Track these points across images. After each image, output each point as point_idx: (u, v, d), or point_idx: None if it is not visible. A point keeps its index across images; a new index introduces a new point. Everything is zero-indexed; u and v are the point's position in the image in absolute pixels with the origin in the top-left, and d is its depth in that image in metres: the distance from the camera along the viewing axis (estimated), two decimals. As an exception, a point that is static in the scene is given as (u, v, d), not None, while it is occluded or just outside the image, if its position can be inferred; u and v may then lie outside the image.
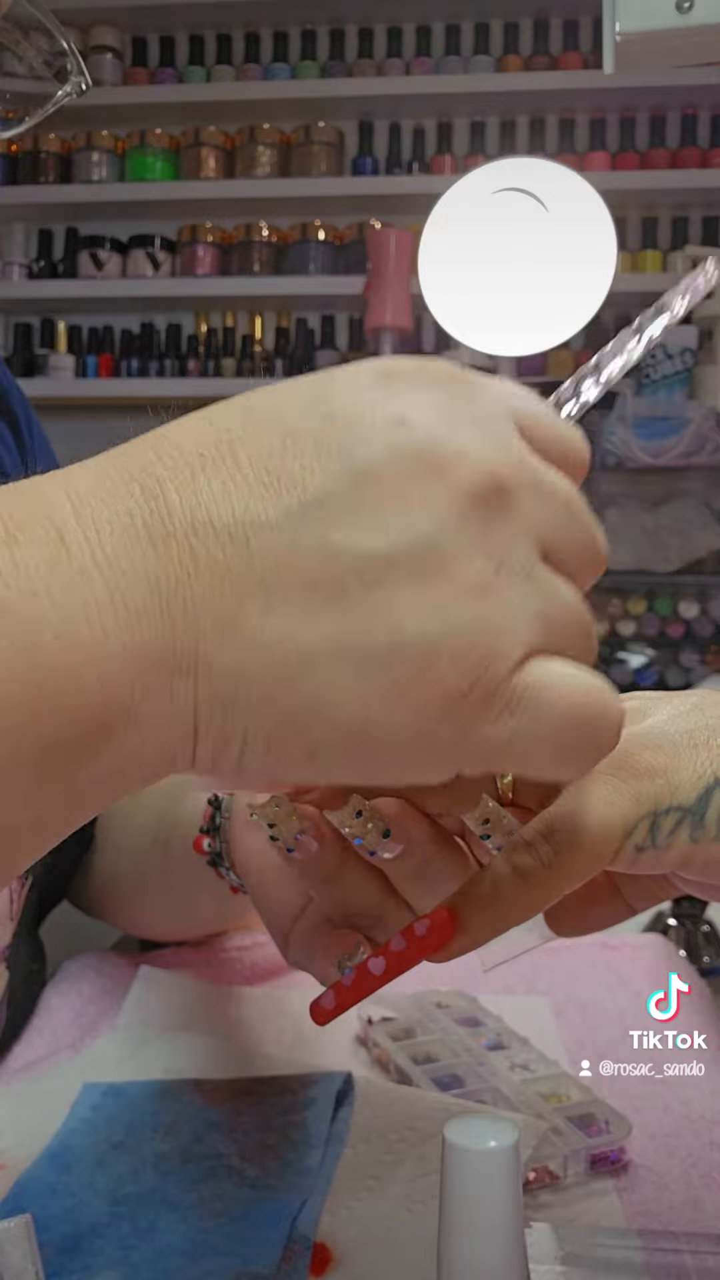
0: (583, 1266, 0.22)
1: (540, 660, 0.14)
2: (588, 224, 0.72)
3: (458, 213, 0.74)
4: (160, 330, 1.59)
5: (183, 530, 0.13)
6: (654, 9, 0.37)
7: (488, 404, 0.15)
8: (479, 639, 0.13)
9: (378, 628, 0.13)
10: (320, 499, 0.13)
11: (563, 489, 0.15)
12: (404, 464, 0.14)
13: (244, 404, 0.15)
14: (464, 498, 0.14)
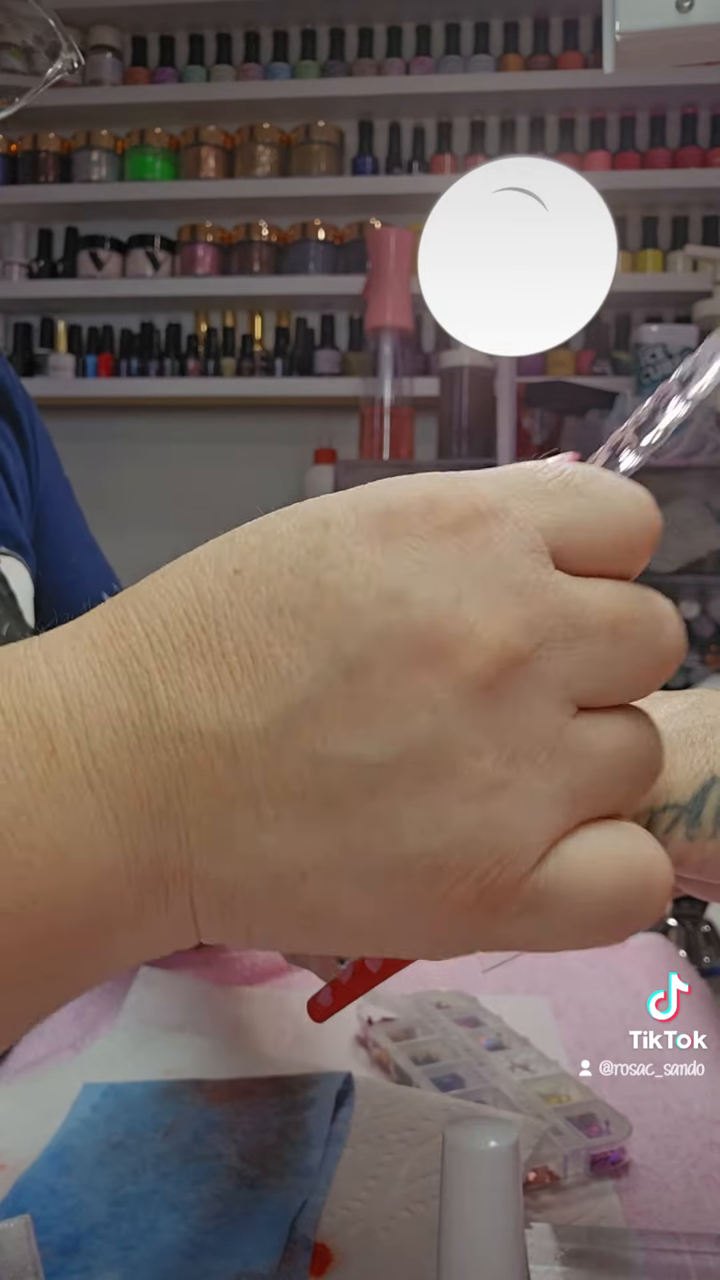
0: (583, 1267, 0.22)
1: (568, 845, 0.13)
2: (588, 224, 0.72)
3: (458, 212, 0.74)
4: (160, 330, 1.59)
5: (171, 737, 0.12)
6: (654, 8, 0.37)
7: (507, 546, 0.12)
8: (487, 847, 0.12)
9: (377, 841, 0.12)
10: (308, 699, 0.12)
11: (606, 616, 0.13)
12: (397, 654, 0.12)
13: (233, 564, 0.13)
14: (468, 685, 0.12)
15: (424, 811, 0.12)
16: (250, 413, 1.57)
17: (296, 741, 0.12)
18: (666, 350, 1.29)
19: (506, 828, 0.12)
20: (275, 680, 0.12)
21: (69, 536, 0.43)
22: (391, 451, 1.40)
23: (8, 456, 0.39)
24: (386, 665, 0.12)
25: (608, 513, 0.13)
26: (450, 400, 1.38)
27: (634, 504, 0.13)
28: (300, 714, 0.12)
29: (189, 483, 1.58)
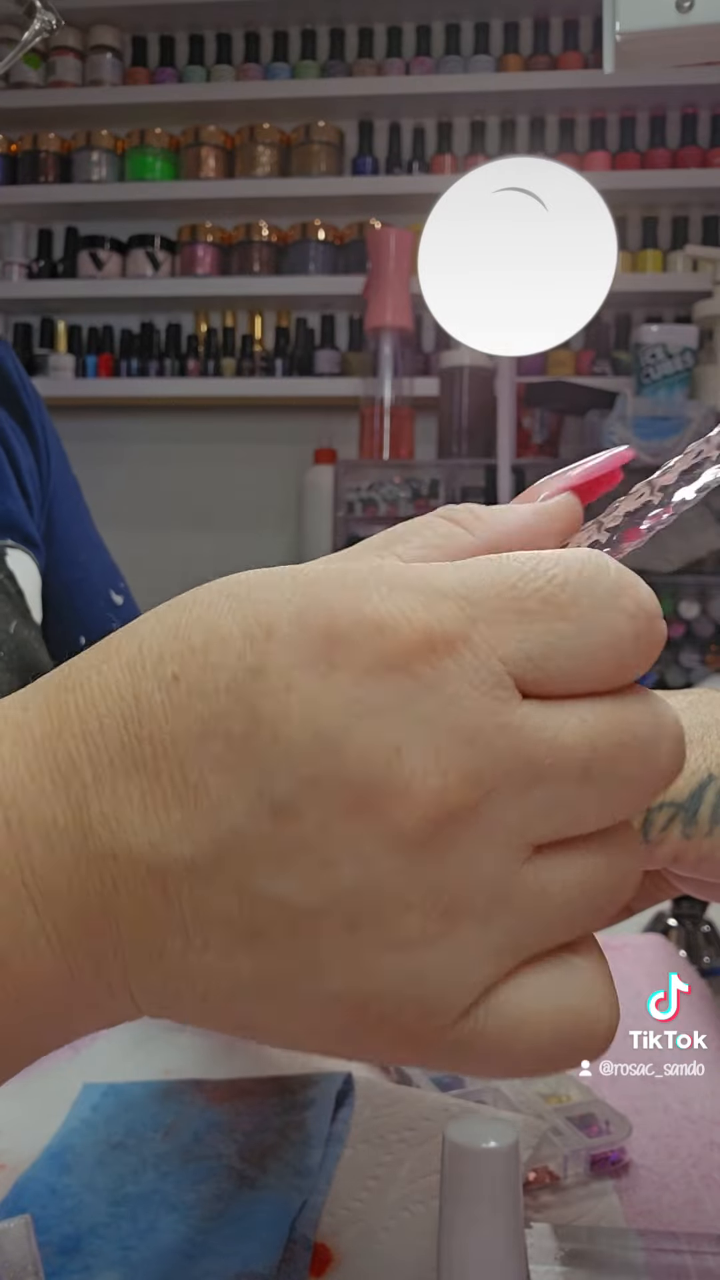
0: (583, 1267, 0.22)
1: (502, 993, 0.12)
2: (588, 223, 0.72)
3: (458, 212, 0.74)
4: (160, 330, 1.59)
5: (104, 855, 0.12)
6: (654, 8, 0.37)
7: (461, 684, 0.11)
8: (411, 1000, 0.12)
9: (302, 976, 0.12)
10: (236, 833, 0.12)
11: (576, 755, 0.12)
12: (328, 801, 0.11)
13: (172, 668, 0.12)
14: (399, 840, 0.11)
15: (347, 958, 0.12)
16: (250, 413, 1.57)
17: (223, 874, 0.12)
18: (666, 350, 1.29)
19: (432, 982, 0.12)
20: (205, 809, 0.12)
21: (78, 534, 0.43)
22: (391, 451, 1.40)
23: (19, 452, 0.39)
24: (316, 812, 0.11)
25: (594, 635, 0.12)
26: (450, 400, 1.38)
27: (629, 622, 0.12)
28: (228, 848, 0.12)
29: (189, 483, 1.58)
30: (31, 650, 0.36)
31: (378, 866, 0.11)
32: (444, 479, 1.33)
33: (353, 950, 0.12)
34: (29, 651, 0.36)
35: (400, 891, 0.11)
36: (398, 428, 1.39)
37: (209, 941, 0.12)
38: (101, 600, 0.44)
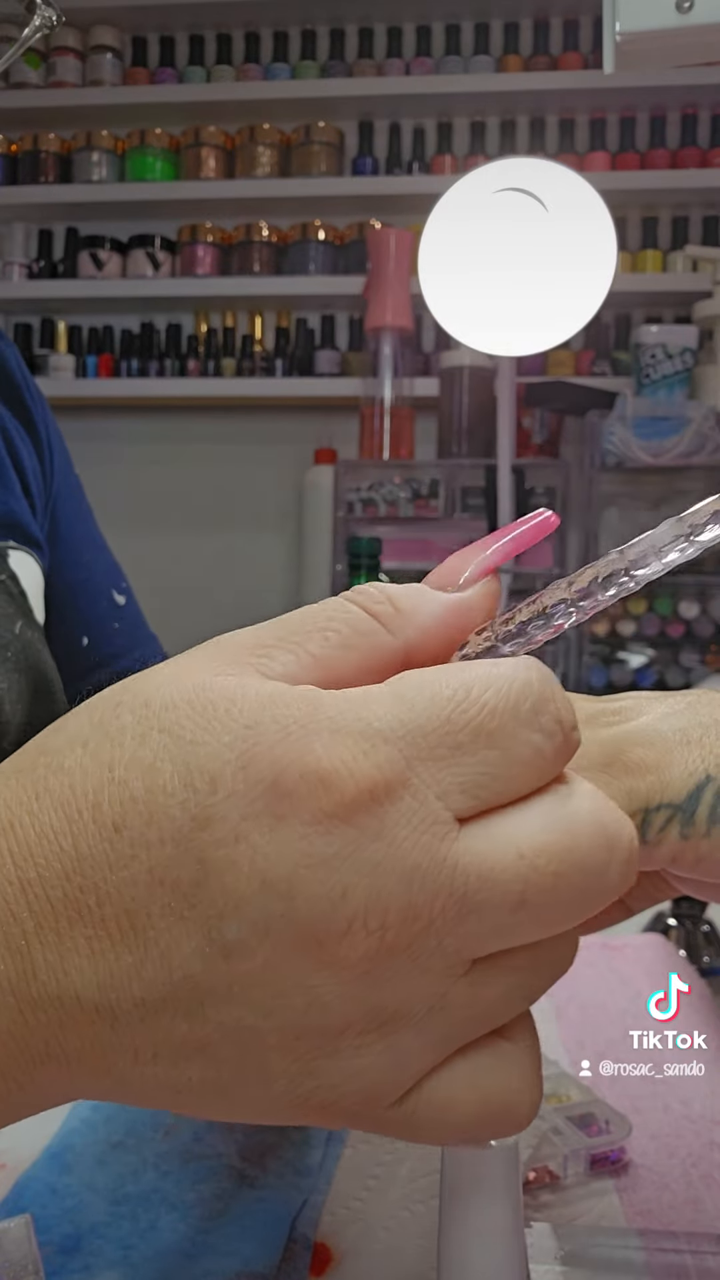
0: (583, 1266, 0.22)
1: (433, 1080, 0.13)
2: (588, 224, 0.72)
3: (458, 213, 0.74)
4: (160, 330, 1.59)
5: (49, 1000, 0.12)
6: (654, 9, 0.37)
7: (402, 829, 0.12)
8: (353, 1091, 0.13)
9: (248, 1082, 0.13)
10: (187, 975, 0.12)
11: (511, 890, 0.12)
12: (278, 943, 0.12)
13: (112, 817, 0.12)
14: (343, 970, 0.12)
15: (293, 1064, 0.13)
16: (250, 413, 1.57)
17: (173, 1007, 0.12)
18: (666, 350, 1.29)
19: (370, 1078, 0.13)
20: (155, 954, 0.12)
21: (81, 534, 0.43)
22: (391, 451, 1.40)
23: (22, 452, 0.39)
24: (266, 952, 0.12)
25: (516, 760, 0.13)
26: (450, 400, 1.38)
27: (548, 740, 0.13)
28: (179, 987, 0.12)
29: (189, 483, 1.58)
30: (35, 651, 0.36)
31: (323, 994, 0.12)
32: (444, 479, 1.33)
33: (296, 1058, 0.13)
34: (33, 652, 0.36)
35: (343, 1013, 0.12)
36: (398, 428, 1.39)
37: (157, 1056, 0.13)
38: (104, 601, 0.44)
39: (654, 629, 1.21)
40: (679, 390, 1.29)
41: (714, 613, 1.20)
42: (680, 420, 1.20)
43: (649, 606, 1.22)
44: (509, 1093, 0.14)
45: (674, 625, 1.21)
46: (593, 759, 0.19)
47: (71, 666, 0.41)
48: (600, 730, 0.20)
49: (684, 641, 1.21)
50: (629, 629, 1.22)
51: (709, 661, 1.21)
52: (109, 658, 0.43)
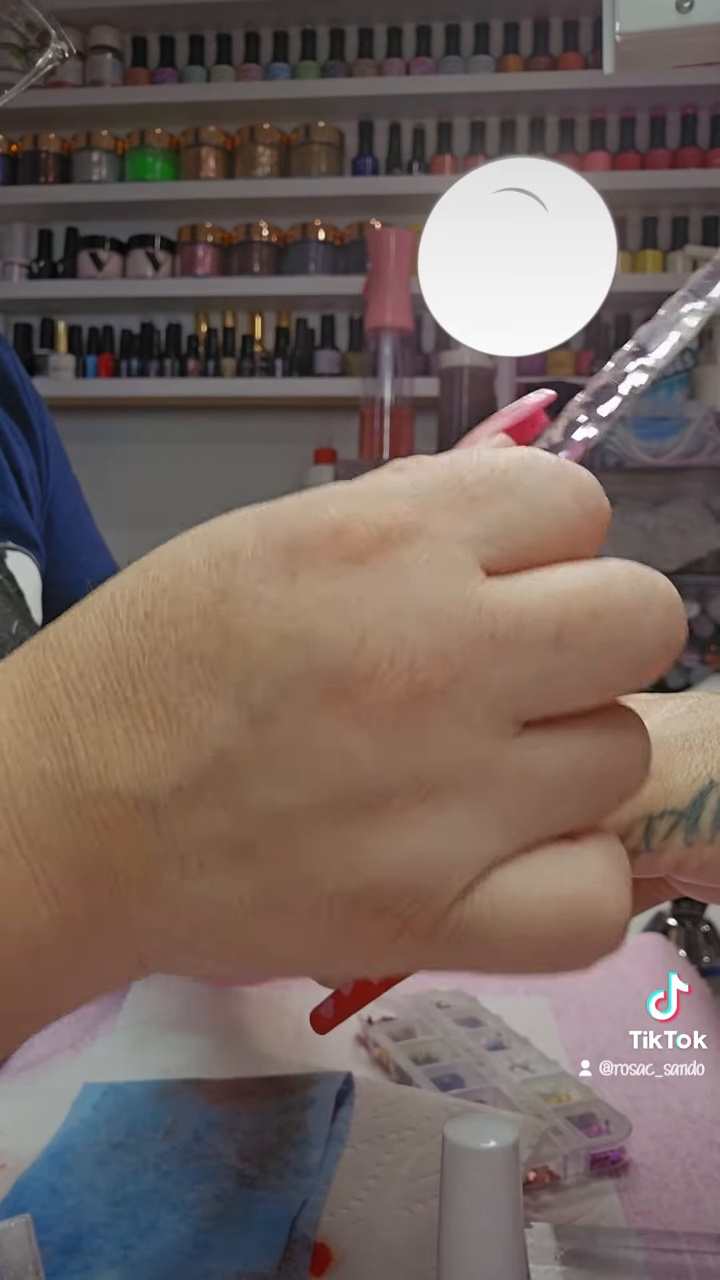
0: (583, 1266, 0.22)
1: (501, 876, 0.12)
2: (588, 224, 0.72)
3: (458, 213, 0.74)
4: (160, 330, 1.59)
5: (91, 797, 0.12)
6: (654, 9, 0.37)
7: (421, 570, 0.12)
8: (403, 885, 0.12)
9: (295, 885, 0.12)
10: (220, 750, 0.12)
11: (545, 626, 0.12)
12: (303, 700, 0.12)
13: (144, 607, 0.13)
14: (374, 720, 0.11)
15: (338, 854, 0.12)
16: (251, 413, 1.57)
17: (211, 793, 0.12)
18: (666, 350, 1.29)
19: (423, 864, 0.12)
20: (188, 733, 0.12)
21: (78, 535, 0.43)
22: (392, 451, 1.40)
23: (18, 453, 0.39)
24: (293, 712, 0.12)
25: (541, 511, 0.12)
26: (450, 400, 1.38)
27: (572, 497, 0.12)
28: (213, 767, 0.12)
29: (189, 483, 1.58)
30: None
31: (358, 755, 0.12)
32: (444, 479, 1.33)
33: (343, 845, 0.12)
34: None
35: (381, 775, 0.12)
36: (398, 428, 1.39)
37: (204, 865, 0.12)
38: None
39: (654, 629, 1.21)
40: (679, 391, 1.29)
41: (714, 613, 1.20)
42: (680, 420, 1.20)
43: (649, 606, 1.22)
44: (590, 893, 0.12)
45: (674, 625, 1.21)
46: None
47: None
48: None
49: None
50: (629, 629, 1.22)
51: (709, 661, 1.21)
52: None
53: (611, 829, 0.13)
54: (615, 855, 0.13)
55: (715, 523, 1.22)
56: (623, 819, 0.18)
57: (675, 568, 1.21)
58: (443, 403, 1.41)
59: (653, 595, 0.12)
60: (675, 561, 1.21)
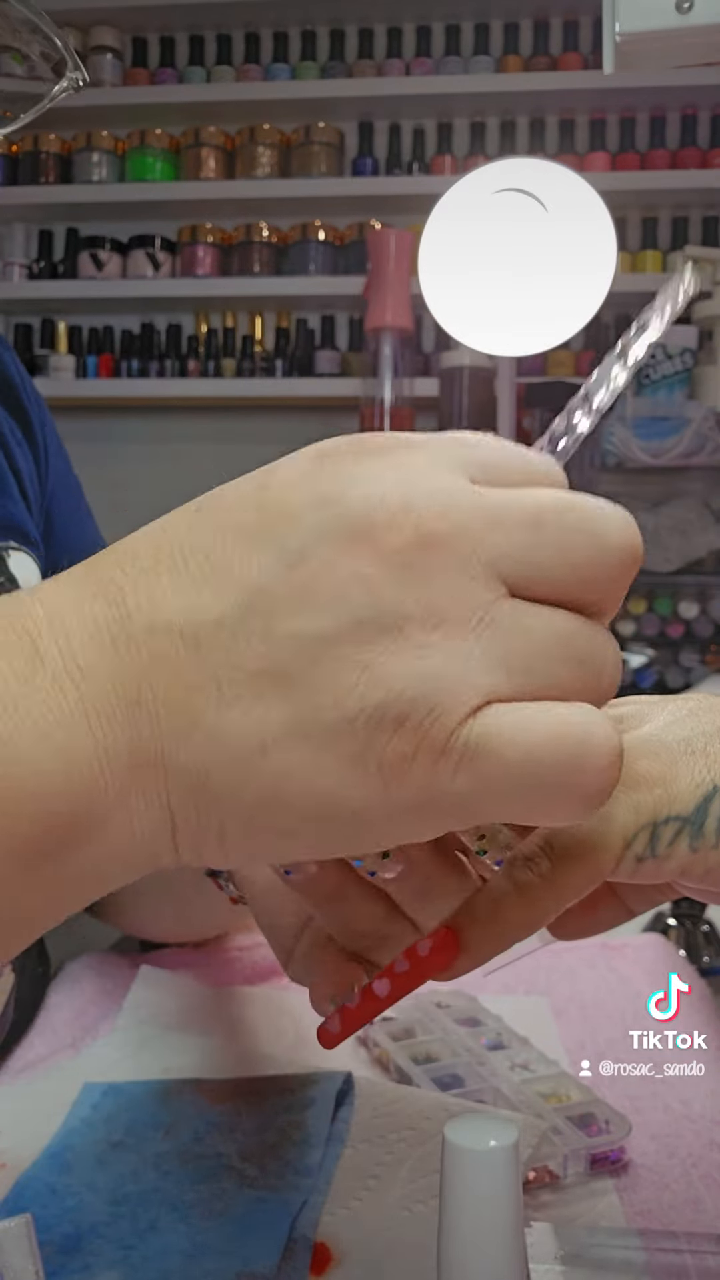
0: (583, 1266, 0.22)
1: (498, 708, 0.14)
2: (588, 224, 0.72)
3: (458, 213, 0.74)
4: (160, 330, 1.59)
5: (141, 633, 0.14)
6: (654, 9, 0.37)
7: (425, 461, 0.15)
8: (419, 698, 0.13)
9: (325, 704, 0.14)
10: (258, 589, 0.14)
11: (526, 511, 0.14)
12: (329, 540, 0.14)
13: (195, 506, 0.15)
14: (392, 558, 0.14)
15: (362, 673, 0.14)
16: (251, 413, 1.57)
17: (249, 625, 0.14)
18: (666, 351, 1.29)
19: (436, 681, 0.14)
20: (230, 578, 0.14)
21: (77, 536, 0.43)
22: (391, 452, 1.40)
23: (17, 454, 0.39)
24: (323, 552, 0.14)
25: (524, 464, 0.15)
26: (450, 401, 1.38)
27: (545, 463, 0.16)
28: (251, 601, 0.14)
29: (189, 483, 1.57)
30: None
31: (378, 585, 0.14)
32: (444, 479, 1.33)
33: (365, 665, 0.14)
34: None
35: (399, 603, 0.14)
36: (397, 428, 1.39)
37: (240, 693, 0.14)
38: None
39: (654, 629, 1.21)
40: (679, 391, 1.29)
41: (713, 613, 1.20)
42: (680, 421, 1.20)
43: (649, 607, 1.22)
44: (581, 727, 0.14)
45: (674, 625, 1.21)
46: None
47: None
48: None
49: (684, 641, 1.21)
50: (628, 629, 1.22)
51: (709, 661, 1.21)
52: None
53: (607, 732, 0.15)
54: (600, 713, 0.15)
55: (715, 523, 1.22)
56: (628, 824, 0.18)
57: (675, 568, 1.21)
58: (443, 403, 1.41)
59: (616, 511, 0.15)
60: (675, 561, 1.21)
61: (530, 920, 0.18)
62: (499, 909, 0.18)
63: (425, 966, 0.19)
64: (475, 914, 0.19)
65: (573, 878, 0.18)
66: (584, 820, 0.17)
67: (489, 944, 0.19)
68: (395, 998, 0.19)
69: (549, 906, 0.18)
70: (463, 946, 0.18)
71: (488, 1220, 0.19)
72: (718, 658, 1.20)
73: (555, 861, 0.18)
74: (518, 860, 0.19)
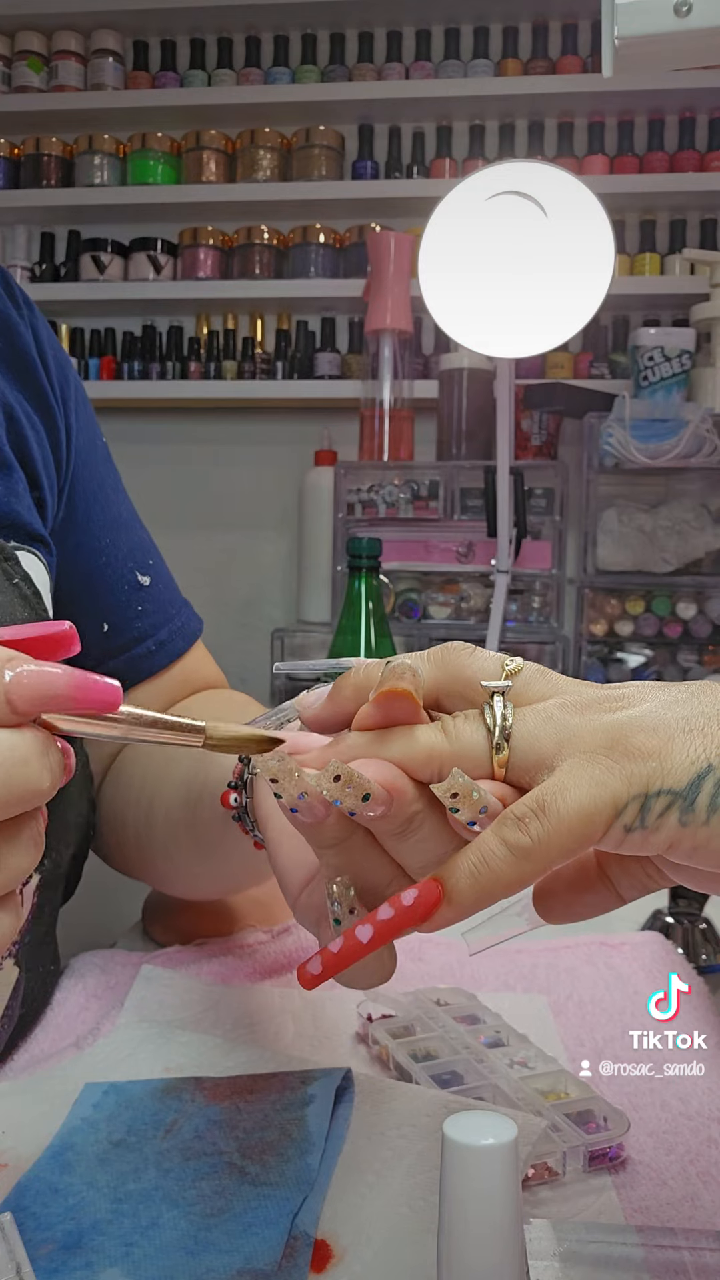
0: (581, 1263, 0.22)
1: None
2: (586, 227, 0.72)
3: (457, 216, 0.74)
4: (162, 333, 1.60)
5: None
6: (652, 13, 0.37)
7: None
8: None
9: None
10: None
11: None
12: None
13: None
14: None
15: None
16: (251, 414, 1.57)
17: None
18: (664, 353, 1.29)
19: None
20: None
21: (99, 518, 0.43)
22: (391, 453, 1.40)
23: (31, 442, 0.39)
24: None
25: None
26: (449, 402, 1.38)
27: None
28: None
29: (190, 484, 1.58)
30: None
31: None
32: (443, 480, 1.33)
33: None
34: None
35: None
36: (397, 429, 1.40)
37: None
38: (125, 586, 0.42)
39: (651, 629, 1.21)
40: (677, 392, 1.29)
41: (711, 613, 1.20)
42: (678, 422, 1.20)
43: (646, 607, 1.22)
44: None
45: (671, 625, 1.21)
46: (594, 743, 0.19)
47: (91, 653, 0.41)
48: (603, 715, 0.20)
49: (681, 642, 1.21)
50: (627, 629, 1.22)
51: (706, 661, 1.21)
52: (133, 641, 0.43)
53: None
54: None
55: (713, 524, 1.22)
56: (619, 793, 0.19)
57: (673, 568, 1.22)
58: (442, 405, 1.41)
59: None
60: (673, 562, 1.22)
61: (515, 878, 0.19)
62: (486, 864, 0.19)
63: (408, 914, 0.19)
64: (462, 867, 0.19)
65: (561, 841, 0.19)
66: None
67: (473, 897, 0.19)
68: (377, 943, 0.20)
69: (535, 867, 0.19)
70: (446, 897, 0.19)
71: (487, 1217, 0.19)
72: (715, 657, 1.20)
73: (544, 823, 0.19)
74: (508, 819, 0.19)
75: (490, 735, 0.20)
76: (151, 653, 0.43)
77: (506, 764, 0.20)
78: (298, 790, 0.20)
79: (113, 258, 1.57)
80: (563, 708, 0.20)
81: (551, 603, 1.28)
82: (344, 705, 0.22)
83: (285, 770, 0.20)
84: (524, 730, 0.20)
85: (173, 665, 0.44)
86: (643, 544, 1.22)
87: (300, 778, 0.20)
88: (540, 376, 1.42)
